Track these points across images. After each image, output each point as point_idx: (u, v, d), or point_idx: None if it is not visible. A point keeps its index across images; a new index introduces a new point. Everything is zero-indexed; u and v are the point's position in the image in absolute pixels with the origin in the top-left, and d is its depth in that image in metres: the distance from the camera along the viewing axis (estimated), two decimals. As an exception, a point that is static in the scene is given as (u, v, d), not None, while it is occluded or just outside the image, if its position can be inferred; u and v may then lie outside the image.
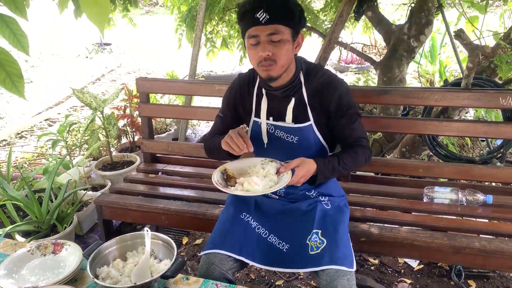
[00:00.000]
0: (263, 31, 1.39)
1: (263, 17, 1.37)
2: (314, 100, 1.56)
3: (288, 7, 1.40)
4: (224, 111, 1.75)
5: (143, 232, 1.48)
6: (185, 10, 3.77)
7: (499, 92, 1.89)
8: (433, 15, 3.09)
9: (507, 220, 1.88)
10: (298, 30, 1.49)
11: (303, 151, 1.59)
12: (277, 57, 1.42)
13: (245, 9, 1.42)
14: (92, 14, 0.65)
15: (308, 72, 1.59)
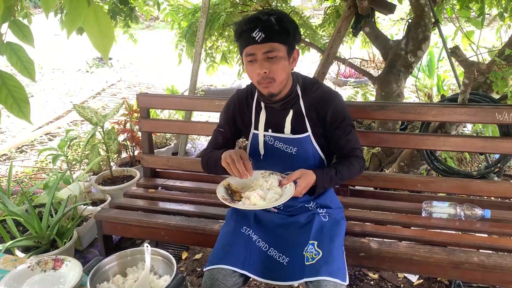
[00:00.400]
0: (260, 49, 1.47)
1: (259, 36, 1.45)
2: (311, 112, 1.63)
3: (282, 26, 1.47)
4: (222, 125, 1.80)
5: (143, 248, 1.49)
6: (185, 26, 3.82)
7: (495, 108, 1.92)
8: (430, 30, 3.13)
9: (505, 234, 1.89)
10: (293, 46, 1.55)
11: (301, 161, 1.64)
12: (274, 73, 1.49)
13: (242, 29, 1.49)
14: (97, 43, 0.67)
15: (305, 85, 1.66)
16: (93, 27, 0.67)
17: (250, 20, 1.47)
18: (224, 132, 1.79)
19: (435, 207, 2.01)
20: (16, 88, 0.72)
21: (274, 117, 1.66)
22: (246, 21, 1.49)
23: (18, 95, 0.72)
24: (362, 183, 2.23)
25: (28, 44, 0.76)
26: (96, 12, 0.67)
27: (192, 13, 3.73)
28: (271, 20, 1.46)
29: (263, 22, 1.45)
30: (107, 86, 7.19)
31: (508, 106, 1.91)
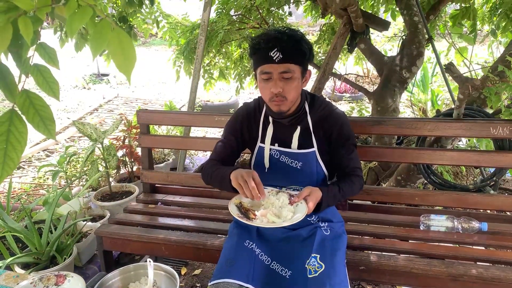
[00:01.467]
0: (276, 69, 1.50)
1: (276, 56, 1.48)
2: (318, 129, 1.68)
3: (300, 48, 1.51)
4: (227, 136, 1.80)
5: (145, 263, 1.50)
6: (183, 43, 3.88)
7: (490, 122, 1.96)
8: (424, 47, 3.20)
9: (503, 247, 1.91)
10: (307, 66, 1.60)
11: (305, 176, 1.68)
12: (287, 93, 1.54)
13: (260, 46, 1.52)
14: (121, 64, 0.71)
15: (312, 102, 1.71)
16: (116, 50, 0.71)
17: (270, 39, 1.50)
18: (229, 143, 1.79)
19: (433, 220, 2.03)
20: (42, 107, 0.75)
21: (281, 132, 1.70)
22: (265, 40, 1.51)
23: (45, 114, 0.75)
24: (360, 197, 2.25)
25: (53, 66, 0.80)
26: (120, 36, 0.71)
27: (190, 31, 3.79)
28: (290, 41, 1.49)
29: (282, 43, 1.48)
30: (104, 102, 7.21)
31: (502, 120, 1.96)
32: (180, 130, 3.97)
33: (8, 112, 0.74)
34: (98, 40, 0.70)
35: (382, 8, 4.10)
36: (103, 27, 0.69)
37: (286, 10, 3.93)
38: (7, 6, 0.68)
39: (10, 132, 0.71)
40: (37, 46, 0.77)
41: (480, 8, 4.26)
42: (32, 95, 0.76)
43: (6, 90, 0.76)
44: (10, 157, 0.71)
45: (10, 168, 0.71)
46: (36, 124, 0.75)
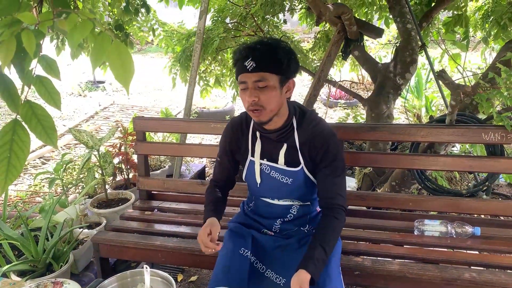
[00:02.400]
0: (250, 78, 1.49)
1: (250, 65, 1.47)
2: (304, 148, 1.63)
3: (274, 56, 1.49)
4: (221, 156, 1.82)
5: (142, 270, 1.51)
6: (179, 50, 3.90)
7: (482, 128, 2.00)
8: (417, 54, 3.24)
9: (496, 251, 1.94)
10: (288, 76, 1.55)
11: (297, 190, 1.68)
12: (264, 102, 1.50)
13: (237, 57, 1.53)
14: (119, 76, 0.73)
15: (301, 118, 1.65)
16: (115, 62, 0.73)
17: (243, 49, 1.51)
18: (224, 164, 1.82)
19: (427, 225, 2.06)
20: (44, 117, 0.77)
21: (269, 147, 1.67)
22: (240, 50, 1.52)
23: (46, 123, 0.77)
24: (355, 203, 2.28)
25: (54, 77, 0.82)
26: (119, 48, 0.73)
27: (185, 38, 3.82)
28: (263, 50, 1.48)
29: (255, 52, 1.48)
30: (100, 109, 7.22)
31: (494, 126, 1.99)
32: (176, 137, 3.98)
33: (11, 122, 0.76)
34: (98, 53, 0.72)
35: (376, 16, 4.15)
36: (103, 40, 0.71)
37: (281, 18, 3.96)
38: (10, 20, 0.70)
39: (13, 141, 0.74)
40: (39, 58, 0.79)
41: (473, 16, 4.33)
42: (35, 105, 0.78)
43: (9, 101, 0.78)
44: (13, 165, 0.73)
45: (14, 176, 0.73)
46: (38, 133, 0.77)
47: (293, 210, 1.72)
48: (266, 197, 1.74)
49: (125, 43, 3.56)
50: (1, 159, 0.73)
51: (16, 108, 0.79)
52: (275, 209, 1.73)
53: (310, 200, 1.74)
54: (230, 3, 3.78)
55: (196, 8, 3.99)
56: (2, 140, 0.74)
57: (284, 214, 1.73)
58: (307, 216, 1.75)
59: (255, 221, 1.79)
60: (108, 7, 3.45)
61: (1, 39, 0.71)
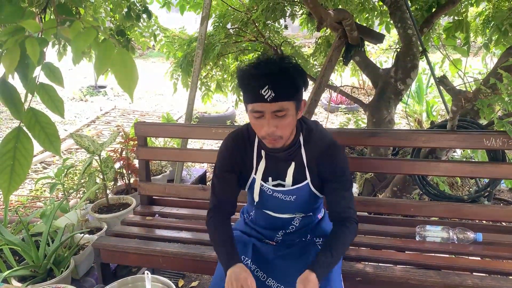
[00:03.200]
0: (269, 108, 1.38)
1: (268, 94, 1.35)
2: (312, 163, 1.59)
3: (294, 83, 1.40)
4: (223, 175, 1.67)
5: (143, 275, 1.51)
6: (180, 56, 3.92)
7: (483, 134, 2.00)
8: (418, 59, 3.24)
9: (498, 257, 1.94)
10: (301, 98, 1.48)
11: (300, 206, 1.66)
12: (282, 131, 1.44)
13: (249, 83, 1.40)
14: (123, 83, 0.73)
15: (308, 134, 1.60)
16: (120, 69, 0.73)
17: (260, 76, 1.37)
18: (227, 182, 1.67)
19: (429, 231, 2.05)
20: (47, 124, 0.78)
21: (275, 166, 1.61)
22: (255, 76, 1.38)
23: (50, 131, 0.78)
24: (356, 209, 2.26)
25: (58, 85, 0.82)
26: (123, 56, 0.73)
27: (187, 44, 3.83)
28: (283, 77, 1.37)
29: (274, 81, 1.36)
30: (101, 114, 7.23)
31: (495, 132, 1.99)
32: (177, 142, 3.98)
33: (15, 129, 0.76)
34: (102, 60, 0.72)
35: (376, 21, 4.16)
36: (106, 48, 0.72)
37: (282, 23, 3.98)
38: (14, 28, 0.70)
39: (16, 149, 0.74)
40: (43, 65, 0.80)
41: (473, 21, 4.34)
42: (38, 112, 0.79)
43: (12, 108, 0.79)
44: (17, 173, 0.73)
45: (17, 183, 0.73)
46: (42, 140, 0.77)
47: (295, 222, 1.71)
48: (268, 210, 1.72)
49: (126, 49, 3.57)
50: (4, 166, 0.73)
51: (20, 115, 0.79)
52: (277, 222, 1.71)
53: (312, 211, 1.73)
54: (232, 9, 3.80)
55: (197, 14, 4.01)
56: (6, 148, 0.74)
57: (286, 226, 1.72)
58: (309, 225, 1.75)
59: (256, 231, 1.78)
60: (109, 12, 3.47)
61: (5, 47, 0.72)
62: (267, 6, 3.39)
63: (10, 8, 0.74)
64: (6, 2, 0.75)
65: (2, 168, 0.72)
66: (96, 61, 0.73)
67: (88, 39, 0.71)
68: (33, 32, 0.73)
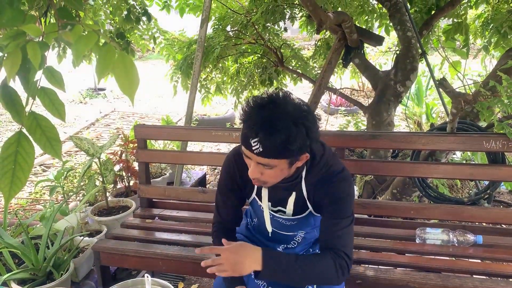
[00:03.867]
0: (255, 158, 1.31)
1: (256, 147, 1.27)
2: (312, 195, 1.53)
3: (285, 147, 1.26)
4: (227, 193, 1.65)
5: (143, 278, 1.51)
6: (179, 58, 3.92)
7: (483, 136, 2.00)
8: (418, 61, 3.25)
9: (498, 260, 1.93)
10: (298, 155, 1.34)
11: (301, 227, 1.66)
12: (267, 179, 1.38)
13: (244, 124, 1.32)
14: (124, 87, 0.73)
15: (311, 167, 1.49)
16: (121, 73, 0.73)
17: (252, 125, 1.27)
18: (230, 201, 1.65)
19: (429, 233, 2.05)
20: (48, 128, 0.78)
21: (276, 194, 1.56)
22: (248, 124, 1.29)
23: (51, 135, 0.78)
24: (356, 211, 2.26)
25: (59, 88, 0.83)
26: (124, 60, 0.74)
27: (187, 46, 3.84)
28: (273, 138, 1.24)
29: (264, 137, 1.25)
30: (101, 117, 7.23)
31: (495, 134, 1.99)
32: (177, 144, 3.98)
33: (16, 133, 0.76)
34: (104, 65, 0.72)
35: (376, 24, 4.17)
36: (108, 52, 0.72)
37: (281, 25, 3.98)
38: (15, 32, 0.71)
39: (18, 153, 0.74)
40: (44, 69, 0.80)
41: (472, 23, 4.35)
42: (39, 116, 0.79)
43: (14, 112, 0.79)
44: (17, 177, 0.73)
45: (18, 187, 0.73)
46: (42, 144, 0.78)
47: (297, 238, 1.71)
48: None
49: (126, 51, 3.58)
50: (6, 170, 0.73)
51: (21, 119, 0.79)
52: (279, 236, 1.71)
53: (315, 229, 1.71)
54: (231, 12, 3.81)
55: (197, 17, 4.01)
56: (7, 152, 0.74)
57: (287, 241, 1.72)
58: (311, 239, 1.75)
59: (258, 239, 1.78)
60: (109, 15, 3.47)
61: (6, 51, 0.72)
62: (267, 9, 3.40)
63: (11, 12, 0.74)
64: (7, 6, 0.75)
65: (3, 173, 0.73)
66: (98, 65, 0.73)
67: (89, 43, 0.71)
68: (34, 36, 0.73)
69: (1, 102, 0.79)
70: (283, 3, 3.55)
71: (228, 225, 1.68)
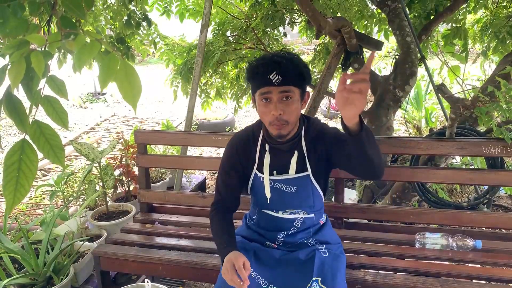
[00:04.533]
0: (276, 90, 1.50)
1: (276, 78, 1.48)
2: (311, 152, 1.67)
3: (299, 70, 1.52)
4: (228, 172, 1.76)
5: (143, 283, 1.51)
6: (179, 63, 3.93)
7: (482, 141, 2.01)
8: (417, 66, 3.26)
9: (497, 265, 1.94)
10: (305, 88, 1.60)
11: (301, 200, 1.69)
12: (288, 116, 1.53)
13: (258, 70, 1.52)
14: (127, 95, 0.75)
15: (307, 126, 1.70)
16: (123, 82, 0.74)
17: (268, 63, 1.50)
18: (231, 180, 1.76)
19: (428, 238, 2.06)
20: (52, 136, 0.79)
21: (279, 159, 1.68)
22: (263, 64, 1.51)
23: (54, 143, 0.79)
24: (356, 216, 2.28)
25: (62, 97, 0.84)
26: (126, 69, 0.75)
27: (187, 51, 3.85)
28: (289, 64, 1.50)
29: (281, 66, 1.48)
30: (101, 121, 7.25)
31: (494, 139, 2.00)
32: (177, 149, 3.99)
33: (20, 141, 0.77)
34: (107, 73, 0.73)
35: (375, 28, 4.18)
36: (110, 61, 0.73)
37: (281, 31, 4.00)
38: (19, 41, 0.72)
39: (21, 160, 0.75)
40: (47, 78, 0.81)
41: (471, 28, 4.37)
42: (42, 124, 0.80)
43: (17, 120, 0.80)
44: (21, 184, 0.74)
45: (22, 195, 0.74)
46: (46, 152, 0.79)
47: (296, 223, 1.72)
48: (269, 210, 1.74)
49: (126, 56, 3.59)
50: (10, 178, 0.74)
51: (25, 127, 0.80)
52: (279, 222, 1.73)
53: (313, 212, 1.74)
54: (231, 17, 3.82)
55: (197, 22, 4.03)
56: (11, 160, 0.75)
57: (287, 227, 1.73)
58: (311, 228, 1.75)
59: (258, 234, 1.79)
60: (109, 20, 3.49)
61: (11, 60, 0.73)
62: (266, 14, 3.41)
63: (15, 22, 0.75)
64: (11, 16, 0.76)
65: (7, 180, 0.73)
66: (100, 74, 0.74)
67: (92, 52, 0.72)
68: (38, 45, 0.74)
69: (5, 111, 0.80)
70: (283, 9, 3.57)
71: (227, 203, 1.77)
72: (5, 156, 0.78)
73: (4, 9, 0.74)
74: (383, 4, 3.40)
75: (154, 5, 4.07)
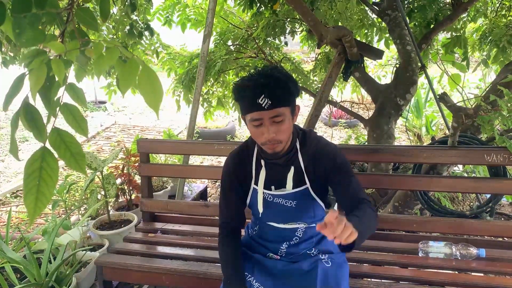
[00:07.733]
0: (266, 115, 1.46)
1: (265, 102, 1.43)
2: (309, 167, 1.64)
3: (287, 90, 1.48)
4: (227, 194, 1.77)
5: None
6: (181, 72, 3.95)
7: (484, 150, 2.01)
8: (417, 75, 3.28)
9: (501, 273, 1.93)
10: (295, 102, 1.56)
11: (302, 212, 1.67)
12: (281, 136, 1.51)
13: (245, 94, 1.48)
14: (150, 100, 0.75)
15: (304, 139, 1.67)
16: (146, 87, 0.75)
17: (255, 85, 1.45)
18: (231, 201, 1.77)
19: (431, 247, 2.05)
20: (72, 144, 0.80)
21: (275, 173, 1.67)
22: (250, 87, 1.46)
23: (75, 150, 0.80)
24: (359, 224, 2.27)
25: (81, 104, 0.85)
26: (148, 74, 0.76)
27: (188, 61, 3.87)
28: (278, 86, 1.45)
29: (269, 88, 1.43)
30: (102, 130, 7.26)
31: (496, 147, 2.01)
32: (179, 157, 4.00)
33: (40, 149, 0.78)
34: (127, 80, 0.74)
35: (376, 37, 4.21)
36: (131, 67, 0.74)
37: (282, 40, 4.02)
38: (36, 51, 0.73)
39: (42, 168, 0.75)
40: (66, 86, 0.82)
41: (470, 36, 4.39)
42: (62, 132, 0.81)
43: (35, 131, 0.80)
44: (42, 193, 0.74)
45: (43, 204, 0.74)
46: (67, 159, 0.79)
47: (298, 233, 1.71)
48: (271, 221, 1.74)
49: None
50: (30, 187, 0.74)
51: (43, 138, 0.81)
52: (281, 233, 1.72)
53: (315, 222, 1.73)
54: (232, 26, 3.85)
55: (198, 32, 4.06)
56: (31, 168, 0.76)
57: (289, 237, 1.72)
58: (313, 238, 1.74)
59: (261, 245, 1.78)
60: (112, 30, 3.51)
61: (30, 68, 0.74)
62: (268, 23, 3.44)
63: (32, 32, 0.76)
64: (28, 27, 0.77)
65: (28, 189, 0.74)
66: (121, 81, 0.74)
67: (111, 59, 0.73)
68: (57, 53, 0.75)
69: (23, 123, 0.81)
70: (284, 18, 3.60)
71: (232, 224, 1.77)
72: (26, 165, 0.78)
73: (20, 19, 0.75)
74: (383, 14, 3.43)
75: (155, 14, 4.11)
